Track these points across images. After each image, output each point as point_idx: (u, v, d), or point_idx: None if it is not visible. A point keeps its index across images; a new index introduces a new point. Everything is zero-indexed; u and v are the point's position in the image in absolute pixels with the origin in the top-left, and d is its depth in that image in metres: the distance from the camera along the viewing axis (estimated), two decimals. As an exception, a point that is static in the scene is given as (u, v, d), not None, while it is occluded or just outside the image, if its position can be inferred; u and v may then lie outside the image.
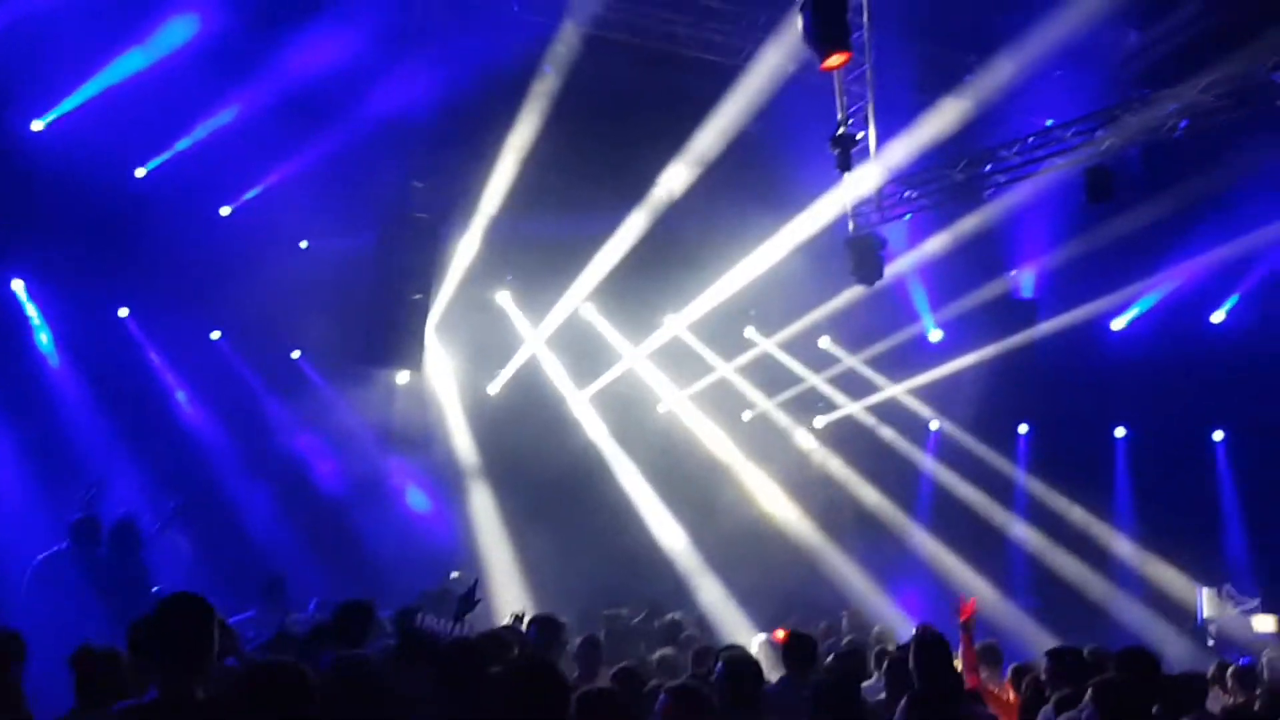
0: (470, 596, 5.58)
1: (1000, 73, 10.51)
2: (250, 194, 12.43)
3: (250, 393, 13.54)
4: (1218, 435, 17.02)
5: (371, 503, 13.36)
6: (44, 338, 12.22)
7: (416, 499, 14.30)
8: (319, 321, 13.46)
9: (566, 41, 10.11)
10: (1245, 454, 16.57)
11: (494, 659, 4.50)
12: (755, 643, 8.57)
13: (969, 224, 13.02)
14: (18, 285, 12.15)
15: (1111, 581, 15.57)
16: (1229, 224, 13.17)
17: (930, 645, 5.34)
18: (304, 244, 13.27)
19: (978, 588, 15.10)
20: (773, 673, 6.37)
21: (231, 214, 12.55)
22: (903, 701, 5.16)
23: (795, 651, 6.11)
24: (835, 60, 7.54)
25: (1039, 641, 12.09)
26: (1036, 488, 16.34)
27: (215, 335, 13.50)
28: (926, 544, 15.94)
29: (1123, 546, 16.02)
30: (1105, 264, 13.99)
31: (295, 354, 14.12)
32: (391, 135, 11.61)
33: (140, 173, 11.73)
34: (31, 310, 12.22)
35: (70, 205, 11.14)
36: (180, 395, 13.08)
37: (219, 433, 13.12)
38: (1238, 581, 14.87)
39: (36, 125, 10.89)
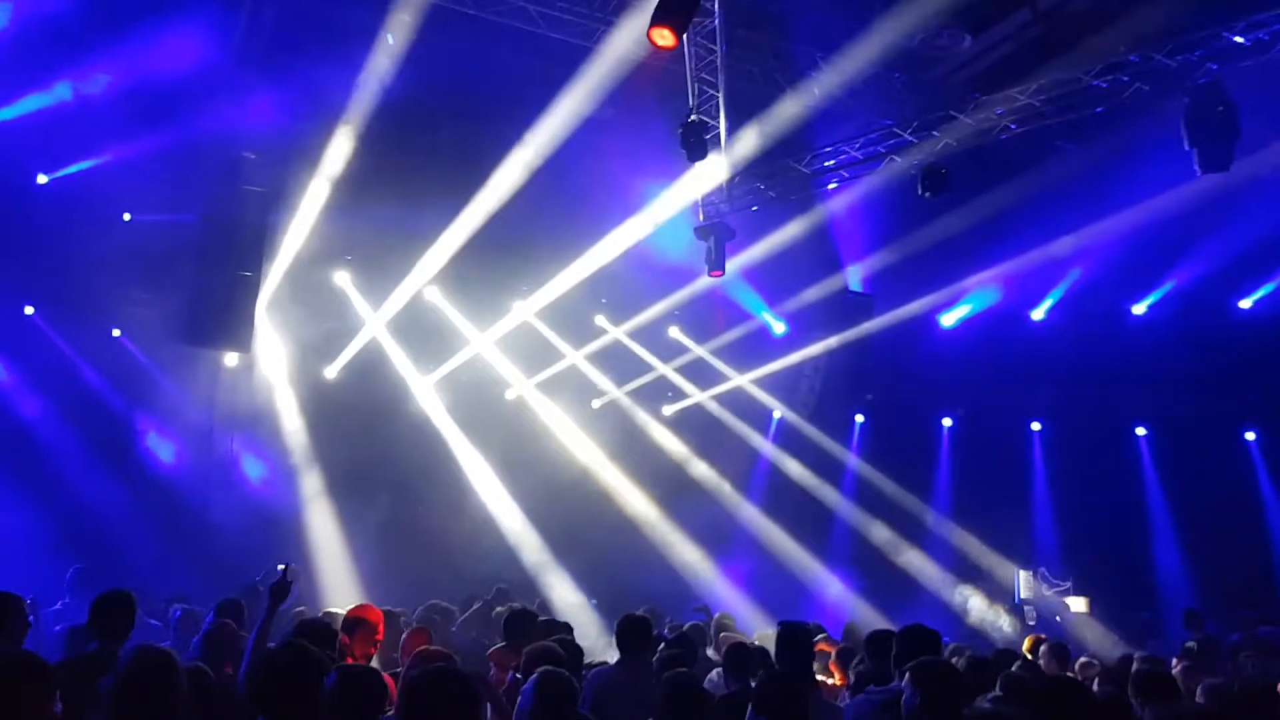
0: (280, 589, 5.28)
1: (845, 71, 10.75)
2: (73, 169, 11.61)
3: (69, 370, 12.72)
4: (1035, 426, 18.04)
5: (190, 496, 12.68)
6: None
7: (254, 471, 13.67)
8: (142, 298, 12.73)
9: (409, 10, 9.71)
10: (1059, 444, 17.63)
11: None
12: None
13: (813, 218, 13.31)
14: None
15: (934, 561, 16.27)
16: (1048, 226, 13.91)
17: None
18: (127, 216, 12.44)
19: (817, 572, 15.63)
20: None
21: (49, 183, 11.66)
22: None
23: (627, 636, 6.05)
24: (662, 37, 7.47)
25: (864, 617, 12.61)
26: (871, 475, 16.91)
27: (29, 310, 12.59)
28: (778, 537, 16.23)
29: (944, 528, 16.76)
30: (934, 261, 14.55)
31: (115, 332, 13.28)
32: (222, 103, 10.95)
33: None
34: None
35: None
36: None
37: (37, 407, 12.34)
38: (1048, 564, 15.81)
39: None
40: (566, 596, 13.50)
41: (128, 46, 10.17)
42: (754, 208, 12.97)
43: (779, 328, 16.52)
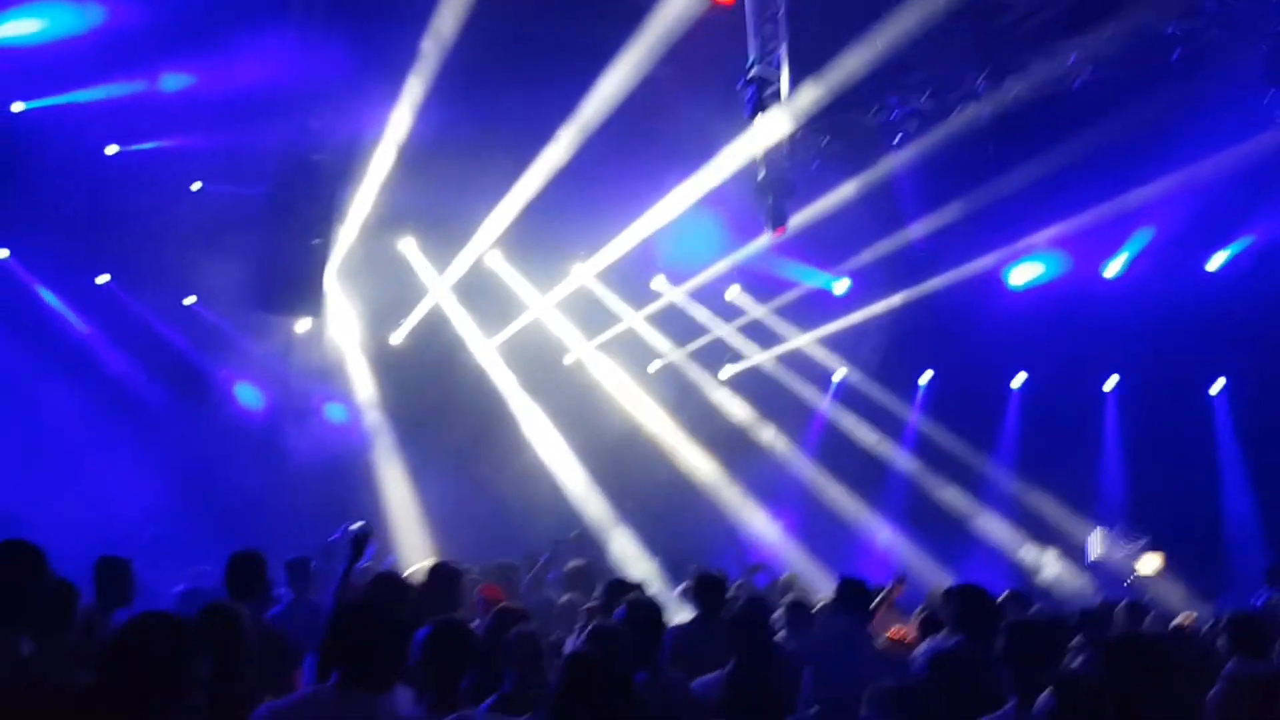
0: (360, 542, 5.41)
1: (912, 21, 10.48)
2: (147, 145, 11.88)
3: (143, 335, 13.14)
4: (1108, 384, 17.61)
5: (260, 462, 13.01)
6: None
7: (327, 430, 14.02)
8: (213, 266, 12.99)
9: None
10: (1132, 403, 17.22)
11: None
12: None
13: (876, 172, 13.08)
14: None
15: (1002, 519, 16.06)
16: (1120, 179, 13.45)
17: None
18: (196, 186, 12.70)
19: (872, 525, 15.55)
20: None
21: (119, 154, 11.92)
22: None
23: (705, 594, 6.12)
24: None
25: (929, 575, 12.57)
26: (936, 433, 16.69)
27: (102, 279, 12.98)
28: (836, 493, 16.15)
29: (1012, 487, 16.49)
30: (1001, 216, 14.18)
31: (189, 299, 13.62)
32: (288, 73, 11.05)
33: (18, 107, 10.99)
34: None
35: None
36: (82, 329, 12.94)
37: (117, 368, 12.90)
38: (1120, 523, 15.51)
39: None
40: (626, 552, 13.66)
41: (200, 44, 10.39)
42: (816, 163, 12.79)
43: (841, 286, 16.31)
